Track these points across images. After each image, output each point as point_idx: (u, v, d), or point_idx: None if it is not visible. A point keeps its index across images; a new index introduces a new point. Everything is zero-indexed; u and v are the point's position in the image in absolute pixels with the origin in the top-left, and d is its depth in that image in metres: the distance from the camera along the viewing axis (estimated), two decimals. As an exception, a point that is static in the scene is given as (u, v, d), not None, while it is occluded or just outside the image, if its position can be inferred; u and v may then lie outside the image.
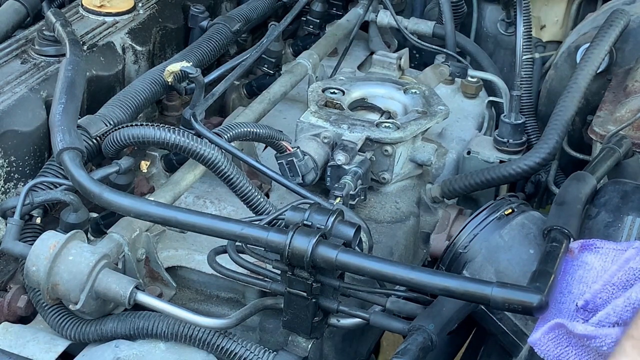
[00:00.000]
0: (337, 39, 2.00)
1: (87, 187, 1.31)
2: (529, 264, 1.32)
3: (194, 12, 1.85)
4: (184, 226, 1.28)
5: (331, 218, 1.24)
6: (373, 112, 1.70)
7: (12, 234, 1.33)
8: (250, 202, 1.42)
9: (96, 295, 1.29)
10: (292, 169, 1.51)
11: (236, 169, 1.41)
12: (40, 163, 1.47)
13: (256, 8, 1.92)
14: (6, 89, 1.49)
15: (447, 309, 1.23)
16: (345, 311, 1.27)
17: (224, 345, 1.28)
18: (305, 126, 1.60)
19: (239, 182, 1.40)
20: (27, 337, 1.33)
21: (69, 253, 1.28)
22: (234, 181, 1.40)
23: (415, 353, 1.16)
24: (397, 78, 1.82)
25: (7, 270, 1.41)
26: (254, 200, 1.41)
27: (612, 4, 1.99)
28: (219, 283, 1.47)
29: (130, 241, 1.37)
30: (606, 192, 1.43)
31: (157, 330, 1.30)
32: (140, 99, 1.56)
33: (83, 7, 1.74)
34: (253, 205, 1.42)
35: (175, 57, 1.70)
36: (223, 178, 1.41)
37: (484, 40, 2.22)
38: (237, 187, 1.41)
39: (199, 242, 1.48)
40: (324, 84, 1.72)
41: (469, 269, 1.40)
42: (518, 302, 1.12)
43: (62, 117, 1.39)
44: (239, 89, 1.94)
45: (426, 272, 1.17)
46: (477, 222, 1.42)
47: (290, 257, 1.20)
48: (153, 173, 1.62)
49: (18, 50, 1.60)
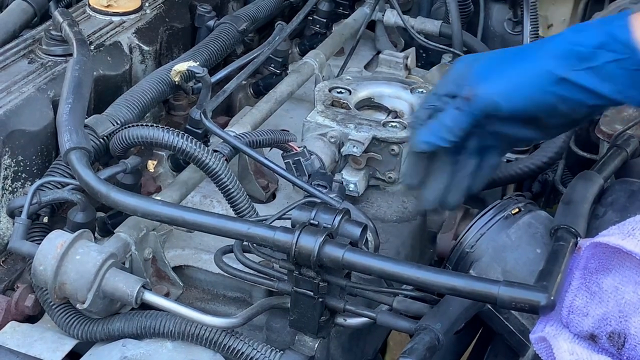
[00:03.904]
0: (343, 38, 2.00)
1: (94, 186, 1.32)
2: (536, 263, 1.32)
3: (200, 11, 1.85)
4: (191, 225, 1.28)
5: (337, 217, 1.24)
6: (380, 111, 1.70)
7: (20, 233, 1.33)
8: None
9: (103, 294, 1.29)
10: (299, 169, 1.51)
11: (237, 184, 1.40)
12: (47, 162, 1.47)
13: (263, 8, 1.92)
14: (13, 89, 1.49)
15: (454, 309, 1.23)
16: (352, 310, 1.27)
17: (231, 345, 1.28)
18: (312, 126, 1.60)
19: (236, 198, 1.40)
20: (35, 336, 1.33)
21: (76, 252, 1.28)
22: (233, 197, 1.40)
23: (422, 352, 1.16)
24: (403, 77, 1.82)
25: (14, 269, 1.42)
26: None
27: (618, 4, 1.98)
28: (226, 282, 1.47)
29: (137, 240, 1.37)
30: (613, 192, 1.43)
31: (164, 330, 1.31)
32: (147, 98, 1.56)
33: (90, 7, 1.75)
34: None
35: (182, 57, 1.70)
36: (222, 190, 1.40)
37: (490, 39, 2.22)
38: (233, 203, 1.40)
39: (206, 242, 1.48)
40: (330, 83, 1.72)
41: (476, 268, 1.40)
42: (525, 301, 1.12)
43: (69, 117, 1.40)
44: (245, 88, 1.94)
45: (433, 272, 1.17)
46: (483, 221, 1.42)
47: (297, 256, 1.21)
48: (160, 172, 1.62)
49: (25, 50, 1.60)
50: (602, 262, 1.17)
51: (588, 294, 1.17)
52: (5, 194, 1.42)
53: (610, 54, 1.24)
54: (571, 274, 1.19)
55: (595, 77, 1.25)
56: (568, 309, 1.18)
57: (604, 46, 1.24)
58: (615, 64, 1.24)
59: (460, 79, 1.32)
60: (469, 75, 1.30)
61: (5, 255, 1.43)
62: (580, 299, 1.17)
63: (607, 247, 1.15)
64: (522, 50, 1.34)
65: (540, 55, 1.28)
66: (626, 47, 1.23)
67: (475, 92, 1.28)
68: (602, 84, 1.25)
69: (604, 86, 1.25)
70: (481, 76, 1.29)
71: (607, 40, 1.24)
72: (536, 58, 1.28)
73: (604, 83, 1.25)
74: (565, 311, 1.18)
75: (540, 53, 1.28)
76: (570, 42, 1.27)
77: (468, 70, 1.31)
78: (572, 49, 1.26)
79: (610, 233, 1.17)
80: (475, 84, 1.29)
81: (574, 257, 1.22)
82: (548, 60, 1.27)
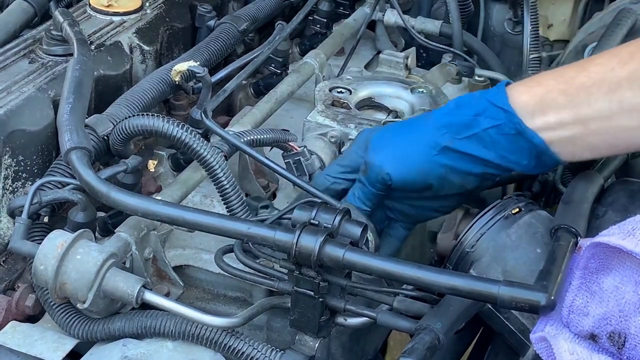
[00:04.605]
0: (344, 38, 2.00)
1: (94, 186, 1.32)
2: (537, 263, 1.32)
3: (201, 11, 1.85)
4: (191, 225, 1.28)
5: (338, 217, 1.24)
6: (380, 111, 1.70)
7: (20, 233, 1.33)
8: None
9: (104, 294, 1.29)
10: (299, 168, 1.51)
11: (233, 183, 1.40)
12: (48, 162, 1.47)
13: (263, 8, 1.92)
14: (14, 89, 1.49)
15: (454, 308, 1.23)
16: (352, 310, 1.27)
17: (231, 344, 1.28)
18: (312, 125, 1.60)
19: (230, 195, 1.40)
20: (35, 335, 1.33)
21: (77, 252, 1.28)
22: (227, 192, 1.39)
23: (422, 352, 1.16)
24: (404, 77, 1.82)
25: (15, 269, 1.42)
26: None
27: (619, 3, 1.98)
28: (226, 282, 1.47)
29: (137, 240, 1.37)
30: (613, 192, 1.43)
31: (165, 329, 1.31)
32: (147, 98, 1.57)
33: (90, 7, 1.75)
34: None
35: (183, 57, 1.70)
36: (218, 187, 1.40)
37: (491, 39, 2.22)
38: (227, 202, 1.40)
39: (206, 242, 1.48)
40: (331, 83, 1.72)
41: (476, 268, 1.40)
42: (525, 300, 1.12)
43: (70, 117, 1.40)
44: (246, 88, 1.94)
45: (433, 271, 1.17)
46: (484, 221, 1.42)
47: (298, 256, 1.21)
48: (160, 172, 1.62)
49: (26, 49, 1.60)
50: (603, 261, 1.17)
51: (588, 294, 1.17)
52: (6, 193, 1.43)
53: (489, 120, 1.29)
54: (571, 273, 1.19)
55: (478, 144, 1.30)
56: (568, 308, 1.18)
57: (482, 113, 1.29)
58: (495, 130, 1.29)
59: (360, 150, 1.39)
60: (367, 147, 1.37)
61: (5, 255, 1.43)
62: (581, 299, 1.17)
63: (608, 246, 1.15)
64: (413, 122, 1.40)
65: (426, 125, 1.34)
66: (504, 112, 1.28)
67: (369, 162, 1.35)
68: (484, 151, 1.30)
69: (487, 153, 1.30)
70: (375, 147, 1.36)
71: (485, 107, 1.29)
72: (423, 128, 1.34)
73: (486, 149, 1.30)
74: (566, 311, 1.18)
75: (427, 124, 1.34)
76: (453, 112, 1.33)
77: (367, 142, 1.38)
78: (454, 119, 1.31)
79: (610, 233, 1.17)
80: (369, 155, 1.36)
81: (574, 257, 1.22)
82: (432, 130, 1.32)
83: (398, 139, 1.35)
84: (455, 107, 1.34)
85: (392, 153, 1.34)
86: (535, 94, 1.29)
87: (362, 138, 1.41)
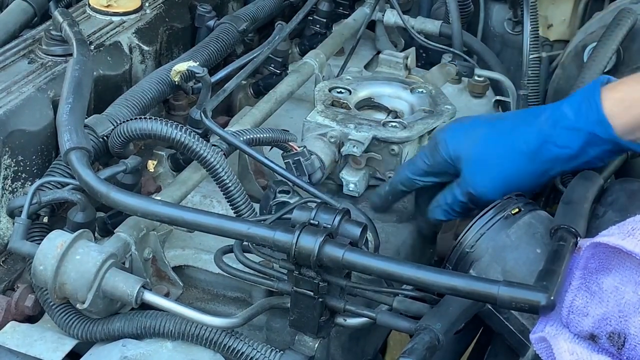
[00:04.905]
0: (343, 38, 2.00)
1: (94, 186, 1.32)
2: (536, 263, 1.32)
3: (200, 11, 1.85)
4: (191, 225, 1.28)
5: (337, 217, 1.24)
6: (380, 111, 1.70)
7: (20, 233, 1.33)
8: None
9: (103, 294, 1.29)
10: (299, 169, 1.51)
11: (235, 180, 1.40)
12: (47, 162, 1.47)
13: (263, 8, 1.92)
14: (13, 89, 1.49)
15: (454, 308, 1.23)
16: (352, 310, 1.27)
17: (231, 345, 1.28)
18: (312, 125, 1.60)
19: (235, 195, 1.40)
20: (35, 336, 1.33)
21: (76, 252, 1.28)
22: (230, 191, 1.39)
23: (422, 352, 1.16)
24: (403, 77, 1.82)
25: (14, 269, 1.42)
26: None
27: (619, 3, 1.98)
28: (226, 282, 1.47)
29: (137, 240, 1.37)
30: (613, 192, 1.43)
31: (164, 330, 1.30)
32: (147, 98, 1.57)
33: (90, 7, 1.75)
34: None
35: (182, 57, 1.70)
36: (220, 185, 1.40)
37: (490, 39, 2.22)
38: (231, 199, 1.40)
39: (206, 242, 1.48)
40: (330, 83, 1.72)
41: (476, 268, 1.40)
42: (525, 301, 1.12)
43: (69, 117, 1.40)
44: (245, 88, 1.94)
45: (433, 271, 1.17)
46: (483, 221, 1.42)
47: (297, 256, 1.21)
48: (160, 172, 1.62)
49: (25, 50, 1.60)
50: (602, 262, 1.17)
51: (588, 294, 1.17)
52: (5, 193, 1.42)
53: (595, 148, 1.38)
54: (571, 274, 1.19)
55: (581, 165, 1.43)
56: (568, 308, 1.18)
57: (590, 144, 1.38)
58: (601, 154, 1.40)
59: (446, 155, 1.47)
60: (460, 159, 1.45)
61: (5, 255, 1.43)
62: (580, 299, 1.17)
63: (607, 247, 1.15)
64: (515, 142, 1.46)
65: (535, 154, 1.43)
66: (610, 143, 1.36)
67: (472, 184, 1.46)
68: (585, 165, 1.43)
69: (587, 166, 1.44)
70: (476, 169, 1.44)
71: (591, 139, 1.37)
72: (532, 157, 1.42)
73: (587, 165, 1.43)
74: (565, 311, 1.18)
75: (536, 153, 1.42)
76: (556, 140, 1.40)
77: (458, 152, 1.46)
78: (561, 151, 1.40)
79: (610, 233, 1.17)
80: (469, 177, 1.46)
81: (574, 257, 1.21)
82: (540, 164, 1.44)
83: (499, 164, 1.43)
84: (557, 135, 1.39)
85: (495, 178, 1.44)
86: (635, 115, 1.35)
87: (451, 145, 1.46)
